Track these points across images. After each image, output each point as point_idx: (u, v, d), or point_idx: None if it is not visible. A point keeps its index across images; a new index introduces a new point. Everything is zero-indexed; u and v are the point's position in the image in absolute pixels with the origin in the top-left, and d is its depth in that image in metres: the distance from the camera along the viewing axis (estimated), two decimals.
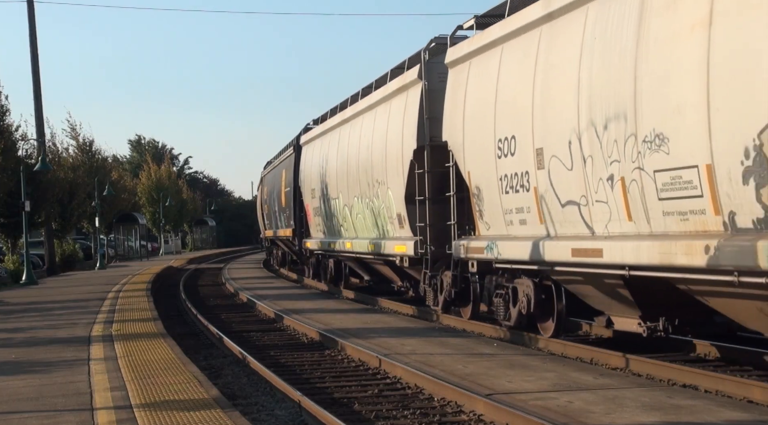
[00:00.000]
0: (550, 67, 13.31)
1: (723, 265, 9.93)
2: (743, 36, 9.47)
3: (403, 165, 19.39)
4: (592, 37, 12.16)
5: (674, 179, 10.64)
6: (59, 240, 47.26)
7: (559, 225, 13.47)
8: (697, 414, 9.07)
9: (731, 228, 9.92)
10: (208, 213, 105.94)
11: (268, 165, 45.33)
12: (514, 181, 14.59)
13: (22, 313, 21.54)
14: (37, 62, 42.10)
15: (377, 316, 19.82)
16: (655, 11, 10.80)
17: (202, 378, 11.16)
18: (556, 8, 13.14)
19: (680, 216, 10.67)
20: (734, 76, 9.64)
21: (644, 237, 11.33)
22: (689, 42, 10.18)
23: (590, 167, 12.33)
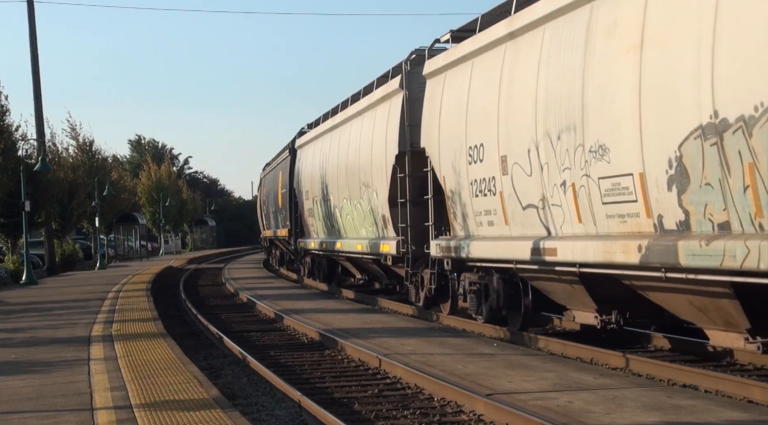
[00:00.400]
0: (512, 81, 14.48)
1: (652, 263, 11.15)
2: (667, 60, 10.65)
3: (387, 169, 20.57)
4: (548, 55, 13.32)
5: (614, 185, 11.88)
6: (59, 240, 47.26)
7: (521, 227, 14.65)
8: (697, 414, 9.07)
9: (660, 230, 11.14)
10: (208, 213, 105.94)
11: (267, 166, 46.89)
12: (482, 185, 15.75)
13: (22, 313, 21.54)
14: (37, 62, 42.14)
15: (377, 316, 19.82)
16: (598, 35, 11.99)
17: (202, 378, 11.16)
18: (517, 27, 14.33)
19: (620, 219, 11.92)
20: (660, 94, 10.79)
21: (591, 238, 12.54)
22: (625, 64, 11.38)
23: (546, 174, 13.54)
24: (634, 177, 11.41)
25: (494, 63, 15.15)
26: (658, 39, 10.81)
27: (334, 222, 26.76)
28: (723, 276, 10.28)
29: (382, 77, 22.44)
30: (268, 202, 44.18)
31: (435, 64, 17.97)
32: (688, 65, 10.23)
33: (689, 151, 10.35)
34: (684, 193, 10.56)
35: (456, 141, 16.64)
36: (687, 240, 10.50)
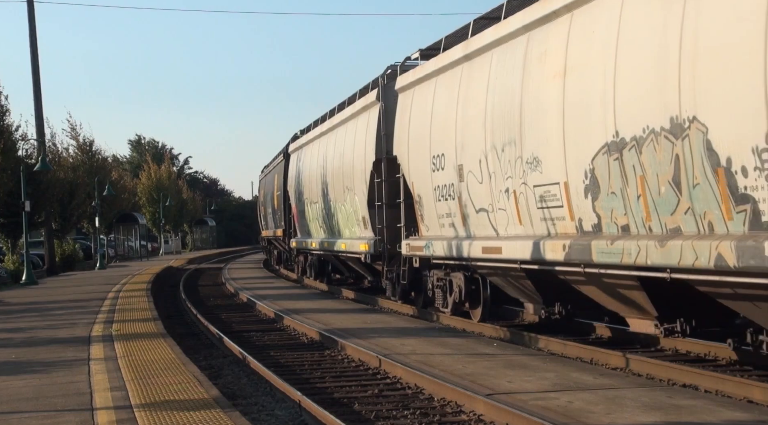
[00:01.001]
0: (467, 99, 16.23)
1: (574, 259, 12.85)
2: (582, 86, 12.42)
3: (366, 174, 22.42)
4: (494, 76, 15.09)
5: (546, 192, 13.63)
6: (59, 240, 47.24)
7: (475, 228, 16.42)
8: (697, 414, 9.07)
9: (580, 231, 12.89)
10: (208, 214, 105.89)
11: (265, 168, 49.07)
12: (444, 191, 17.51)
13: (22, 313, 21.54)
14: (37, 62, 42.14)
15: (377, 316, 19.82)
16: (532, 61, 13.76)
17: (202, 378, 11.15)
18: (471, 51, 16.15)
19: (550, 222, 13.65)
20: (578, 115, 12.53)
21: (529, 238, 14.21)
22: (552, 87, 13.13)
23: (494, 181, 15.29)
24: (561, 185, 13.16)
25: (453, 81, 16.94)
26: (576, 69, 12.59)
27: (322, 223, 28.59)
28: (627, 271, 11.87)
29: (363, 89, 24.06)
30: (266, 203, 46.09)
31: (405, 80, 19.72)
32: (598, 92, 12.00)
33: (599, 165, 12.15)
34: (596, 199, 12.37)
35: (422, 150, 18.36)
36: (598, 240, 12.28)
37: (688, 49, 10.18)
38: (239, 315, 22.67)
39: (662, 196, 11.00)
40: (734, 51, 9.52)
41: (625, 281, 12.29)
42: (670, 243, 10.76)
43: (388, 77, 21.55)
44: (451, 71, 17.06)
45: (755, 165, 9.41)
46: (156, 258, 66.29)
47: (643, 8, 11.18)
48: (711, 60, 9.87)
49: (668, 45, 10.52)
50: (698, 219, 10.45)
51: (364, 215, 22.92)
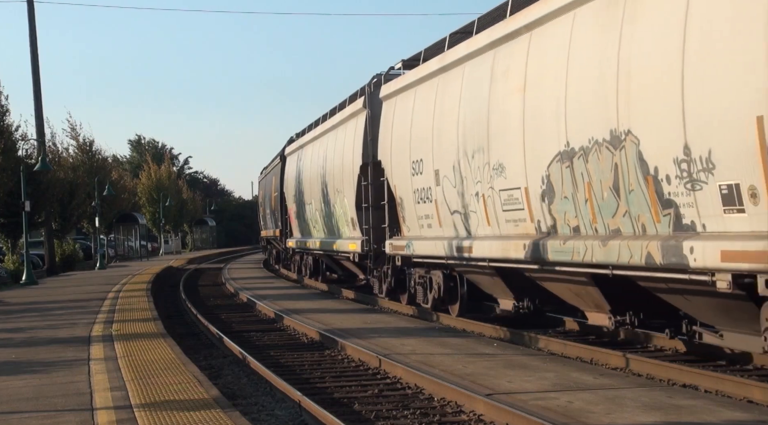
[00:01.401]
0: (442, 108, 17.42)
1: (533, 258, 14.06)
2: (539, 101, 13.62)
3: (354, 177, 23.54)
4: (466, 88, 16.30)
5: (510, 196, 14.85)
6: (59, 240, 47.23)
7: (450, 229, 17.50)
8: (697, 414, 9.07)
9: (539, 232, 14.12)
10: (208, 214, 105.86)
11: (264, 170, 50.15)
12: (423, 194, 18.67)
13: (22, 313, 21.54)
14: (37, 62, 42.14)
15: (377, 316, 19.82)
16: (498, 75, 15.04)
17: (202, 378, 11.15)
18: (446, 64, 17.36)
19: (514, 223, 14.92)
20: (536, 126, 13.76)
21: (496, 238, 15.50)
22: (514, 101, 14.40)
23: (465, 185, 16.47)
24: (522, 190, 14.40)
25: (430, 92, 18.16)
26: (534, 84, 13.84)
27: (316, 223, 29.84)
28: (577, 268, 13.05)
29: (352, 96, 25.25)
30: (264, 204, 47.37)
31: (389, 89, 20.92)
32: (552, 106, 13.23)
33: (553, 171, 13.33)
34: (552, 203, 13.56)
35: (403, 155, 19.54)
36: (553, 240, 13.52)
37: (623, 71, 11.50)
38: (239, 315, 22.67)
39: (605, 200, 12.23)
40: (658, 75, 10.85)
41: (579, 277, 13.45)
42: (610, 242, 12.01)
43: (374, 85, 22.61)
44: (429, 82, 18.32)
45: (676, 173, 10.67)
46: (156, 258, 66.28)
47: (588, 32, 12.40)
48: (640, 81, 11.20)
49: (608, 66, 11.81)
50: (634, 221, 11.68)
51: (352, 216, 24.05)
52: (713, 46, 9.94)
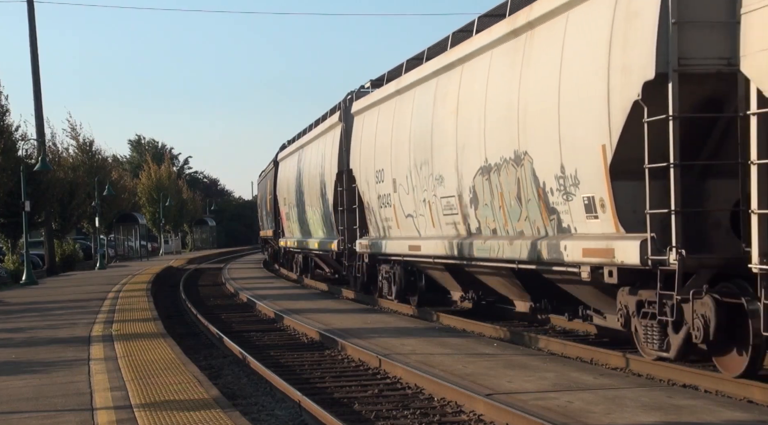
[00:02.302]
0: (398, 125, 20.11)
1: (464, 255, 16.76)
2: (468, 122, 16.21)
3: (332, 184, 26.47)
4: (417, 109, 18.96)
5: (447, 203, 17.49)
6: (59, 240, 47.20)
7: (405, 230, 20.37)
8: (697, 414, 9.08)
9: (468, 233, 16.83)
10: (208, 214, 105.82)
11: (262, 173, 53.16)
12: (384, 199, 21.36)
13: (22, 313, 21.54)
14: (37, 62, 42.13)
15: (377, 316, 19.83)
16: (439, 99, 17.75)
17: (202, 378, 11.16)
18: (402, 87, 20.19)
19: (451, 225, 17.52)
20: (465, 143, 16.36)
21: (438, 238, 18.10)
22: (450, 121, 17.05)
23: (416, 192, 19.15)
24: (456, 197, 17.06)
25: (389, 110, 20.86)
26: (464, 108, 16.43)
27: (302, 224, 32.97)
28: (496, 263, 15.72)
29: (332, 109, 27.88)
30: (262, 206, 51.09)
31: (358, 106, 23.81)
32: (475, 127, 15.87)
33: (477, 183, 15.99)
34: (477, 209, 16.25)
35: (369, 165, 22.22)
36: (477, 240, 16.25)
37: (522, 103, 14.15)
38: (239, 315, 22.67)
39: (512, 207, 14.85)
40: (543, 109, 13.49)
41: (503, 271, 15.86)
42: (515, 242, 14.69)
43: (349, 101, 25.20)
44: (389, 102, 21.05)
45: (557, 187, 13.24)
46: (156, 258, 66.27)
47: (500, 68, 15.07)
48: (532, 113, 13.86)
49: (512, 98, 14.47)
50: (532, 225, 14.33)
51: (331, 219, 27.09)
52: (577, 91, 12.58)
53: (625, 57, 11.48)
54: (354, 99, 24.62)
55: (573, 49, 12.72)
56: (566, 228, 13.15)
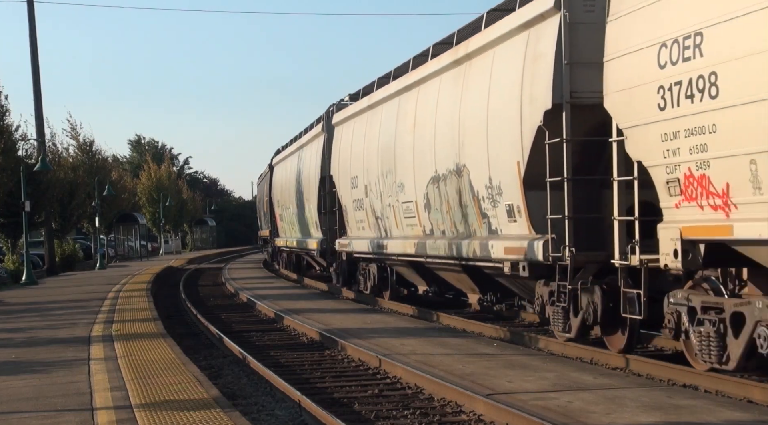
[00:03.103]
0: (370, 137, 22.51)
1: (419, 253, 19.18)
2: (423, 137, 18.64)
3: (316, 188, 29.03)
4: (383, 124, 21.40)
5: (407, 208, 19.91)
6: (59, 240, 47.19)
7: (375, 231, 22.73)
8: (697, 414, 9.08)
9: (424, 234, 19.16)
10: (208, 214, 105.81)
11: (260, 176, 55.73)
12: (358, 203, 23.85)
13: (22, 313, 21.54)
14: (37, 62, 42.11)
15: (377, 316, 19.83)
16: (400, 116, 20.21)
17: (202, 378, 11.16)
18: (372, 103, 22.60)
19: (411, 227, 19.95)
20: (420, 155, 18.79)
21: (401, 238, 20.64)
22: (409, 136, 19.47)
23: (383, 198, 21.52)
24: (414, 203, 19.43)
25: (362, 123, 23.34)
26: (420, 125, 18.86)
27: (292, 225, 35.65)
28: (443, 260, 18.19)
29: (318, 120, 30.35)
30: (260, 207, 54.10)
31: (337, 118, 26.41)
32: (428, 142, 18.23)
33: (430, 190, 18.38)
34: (430, 213, 18.60)
35: (346, 172, 24.74)
36: (429, 240, 18.70)
37: (462, 123, 16.52)
38: (239, 315, 22.67)
39: (456, 212, 17.18)
40: (476, 129, 15.93)
41: (455, 267, 18.01)
42: (458, 241, 17.00)
43: (331, 113, 27.66)
44: (362, 115, 23.50)
45: (487, 195, 15.53)
46: (156, 258, 66.27)
47: (446, 92, 17.46)
48: (469, 131, 16.21)
49: (455, 118, 16.80)
50: (470, 227, 16.66)
51: (315, 220, 29.63)
52: (499, 115, 14.85)
53: (532, 90, 13.72)
54: (335, 111, 27.07)
55: (497, 79, 15.07)
56: (494, 230, 15.55)
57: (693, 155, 10.38)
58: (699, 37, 10.15)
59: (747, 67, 9.45)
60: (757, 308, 10.06)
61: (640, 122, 11.30)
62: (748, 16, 9.43)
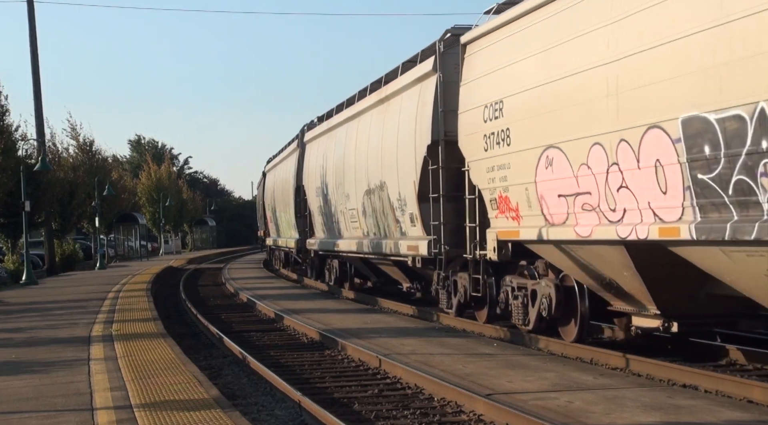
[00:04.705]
0: (328, 154, 26.94)
1: (365, 251, 23.04)
2: (359, 158, 22.78)
3: (292, 195, 34.41)
4: (337, 144, 25.68)
5: (352, 214, 24.02)
6: (59, 240, 47.18)
7: (332, 233, 27.11)
8: (697, 414, 9.08)
9: (366, 236, 22.96)
10: (208, 214, 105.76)
11: (259, 180, 57.77)
12: (320, 209, 28.34)
13: (22, 313, 21.54)
14: (37, 62, 42.12)
15: (377, 316, 19.83)
16: (348, 140, 24.19)
17: (202, 378, 11.16)
18: (330, 126, 27.14)
19: (354, 230, 24.02)
20: (359, 171, 22.72)
21: (348, 239, 24.83)
22: (352, 156, 23.62)
23: (337, 205, 25.79)
24: (356, 209, 23.49)
25: (323, 142, 27.98)
26: (359, 148, 22.96)
27: (277, 227, 41.16)
28: (379, 255, 21.96)
29: (295, 136, 34.47)
30: (258, 209, 57.39)
31: (308, 137, 31.14)
32: (363, 162, 22.42)
33: (365, 200, 22.48)
34: (366, 218, 22.69)
35: (313, 182, 29.39)
36: (364, 240, 22.89)
37: (383, 148, 20.80)
38: (239, 315, 22.67)
39: (380, 218, 21.37)
40: (391, 152, 20.14)
41: (387, 262, 22.06)
42: (380, 241, 21.47)
43: (303, 132, 32.42)
44: (323, 136, 28.05)
45: (398, 206, 19.85)
46: (156, 258, 66.26)
47: (375, 122, 21.69)
48: (387, 153, 20.50)
49: (379, 144, 21.12)
50: (390, 230, 20.86)
51: (293, 223, 34.67)
52: (404, 145, 19.25)
53: (421, 128, 18.19)
54: (306, 130, 32.03)
55: (403, 118, 19.60)
56: (404, 233, 19.91)
57: (501, 183, 14.89)
58: (501, 104, 14.66)
59: (523, 126, 13.97)
60: (542, 286, 14.59)
61: (475, 158, 15.81)
62: (525, 93, 13.89)
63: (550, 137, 13.05)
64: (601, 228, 12.04)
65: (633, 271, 11.86)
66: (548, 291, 14.31)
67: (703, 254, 10.46)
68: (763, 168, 9.16)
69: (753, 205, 9.39)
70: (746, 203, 9.48)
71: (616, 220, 11.75)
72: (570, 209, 12.82)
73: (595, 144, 11.96)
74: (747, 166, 9.35)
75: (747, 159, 9.33)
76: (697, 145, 10.02)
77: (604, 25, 11.71)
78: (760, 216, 9.28)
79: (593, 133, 11.97)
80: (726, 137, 9.60)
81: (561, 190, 12.96)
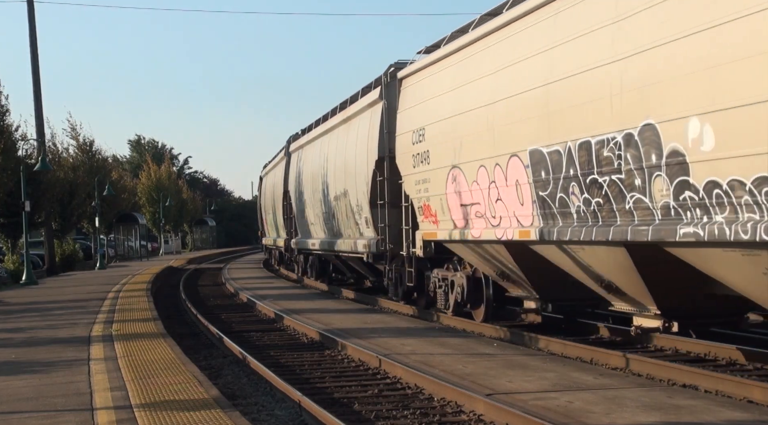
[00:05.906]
0: (306, 164, 30.51)
1: (334, 249, 26.12)
2: (330, 168, 26.36)
3: (279, 199, 38.12)
4: (316, 156, 28.75)
5: (326, 216, 27.02)
6: (59, 240, 47.18)
7: (310, 234, 30.54)
8: (697, 414, 9.08)
9: (334, 235, 26.14)
10: (208, 214, 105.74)
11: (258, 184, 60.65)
12: (302, 212, 31.53)
13: (22, 313, 21.53)
14: (37, 62, 42.11)
15: (377, 316, 19.83)
16: (322, 151, 27.82)
17: (202, 378, 11.15)
18: (310, 139, 30.54)
19: (328, 230, 27.01)
20: (332, 179, 26.05)
21: (324, 238, 27.99)
22: (328, 166, 26.60)
23: (314, 208, 28.93)
24: (327, 213, 26.88)
25: (305, 153, 31.39)
26: (330, 159, 26.31)
27: (271, 227, 44.47)
28: (352, 254, 24.51)
29: (283, 146, 38.00)
30: (258, 210, 59.08)
31: (292, 147, 35.04)
32: (332, 171, 25.88)
33: (334, 205, 25.81)
34: (335, 221, 25.99)
35: (295, 188, 32.94)
36: (336, 239, 26.09)
37: (347, 160, 24.09)
38: (239, 315, 22.67)
39: (344, 221, 24.73)
40: (352, 163, 23.44)
41: (356, 260, 25.01)
42: (338, 240, 25.54)
43: (290, 141, 36.04)
44: (304, 147, 31.52)
45: (356, 212, 23.07)
46: (156, 258, 66.26)
47: (341, 139, 25.18)
48: (349, 166, 23.74)
49: (343, 157, 24.51)
50: (352, 231, 24.05)
51: (282, 224, 38.47)
52: (360, 159, 22.52)
53: (371, 145, 21.57)
54: (292, 141, 35.58)
55: (360, 136, 22.81)
56: (361, 233, 23.15)
57: (425, 194, 18.26)
58: (424, 130, 18.05)
59: (439, 150, 17.21)
60: (458, 277, 17.91)
61: (407, 173, 19.25)
62: (440, 122, 17.11)
63: (455, 159, 16.41)
64: (488, 230, 15.37)
65: (513, 263, 15.26)
66: (462, 282, 17.68)
67: (547, 251, 13.94)
68: (572, 189, 12.57)
69: (568, 215, 12.82)
70: (565, 213, 12.93)
71: (496, 225, 15.13)
72: (468, 215, 16.24)
73: (481, 166, 15.38)
74: (563, 187, 12.78)
75: (564, 182, 12.75)
76: (538, 170, 13.41)
77: (485, 76, 15.12)
78: (572, 223, 12.71)
79: (479, 157, 15.39)
80: (552, 166, 12.97)
81: (462, 201, 16.37)
